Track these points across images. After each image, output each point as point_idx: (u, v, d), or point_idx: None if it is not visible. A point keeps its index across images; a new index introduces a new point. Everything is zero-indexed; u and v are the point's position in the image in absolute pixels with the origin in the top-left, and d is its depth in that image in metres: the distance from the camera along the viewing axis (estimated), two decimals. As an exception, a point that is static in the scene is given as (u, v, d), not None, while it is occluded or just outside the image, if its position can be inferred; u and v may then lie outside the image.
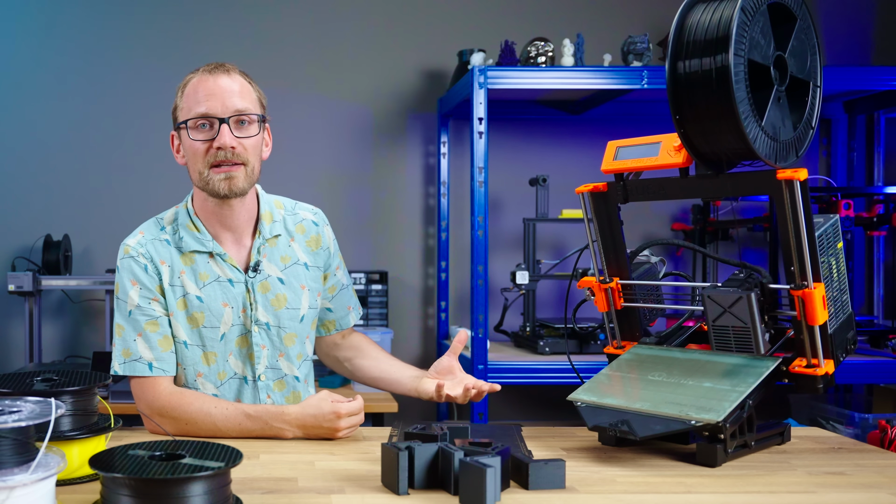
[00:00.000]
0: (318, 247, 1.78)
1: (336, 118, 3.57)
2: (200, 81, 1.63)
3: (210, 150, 1.62)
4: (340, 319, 1.86)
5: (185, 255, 1.69)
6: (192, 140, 1.63)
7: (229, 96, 1.62)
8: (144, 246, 1.69)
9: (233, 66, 1.67)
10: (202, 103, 1.61)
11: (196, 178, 1.66)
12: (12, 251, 3.45)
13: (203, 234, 1.69)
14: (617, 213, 1.65)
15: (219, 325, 1.67)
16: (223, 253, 1.69)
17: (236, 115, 1.62)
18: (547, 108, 3.53)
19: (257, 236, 1.71)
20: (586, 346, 2.98)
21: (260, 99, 1.69)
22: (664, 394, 1.42)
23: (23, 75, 3.49)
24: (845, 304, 1.51)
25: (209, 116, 1.61)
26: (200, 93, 1.62)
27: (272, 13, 3.55)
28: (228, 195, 1.64)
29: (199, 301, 1.67)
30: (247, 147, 1.63)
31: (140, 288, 1.66)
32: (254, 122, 1.65)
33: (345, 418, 1.53)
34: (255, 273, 1.70)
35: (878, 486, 1.26)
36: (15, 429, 1.01)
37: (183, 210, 1.73)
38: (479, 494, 1.12)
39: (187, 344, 1.67)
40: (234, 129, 1.62)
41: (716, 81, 1.37)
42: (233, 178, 1.63)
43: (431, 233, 3.61)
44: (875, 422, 2.60)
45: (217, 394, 1.68)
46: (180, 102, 1.67)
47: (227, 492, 1.06)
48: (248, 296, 1.69)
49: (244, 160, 1.63)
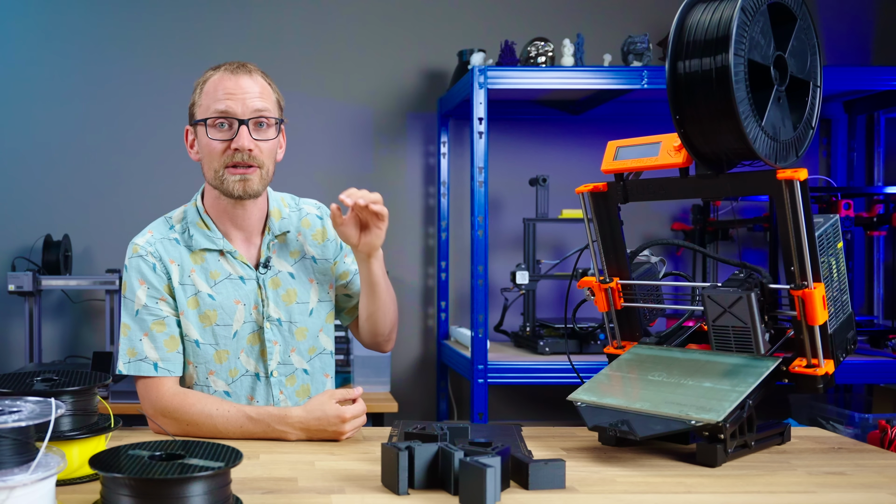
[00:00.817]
0: (325, 239, 1.77)
1: (336, 118, 3.57)
2: (222, 80, 1.63)
3: (227, 150, 1.62)
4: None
5: (196, 253, 1.69)
6: (209, 139, 1.63)
7: (250, 97, 1.62)
8: (153, 245, 1.68)
9: (255, 67, 1.67)
10: (222, 101, 1.61)
11: (211, 176, 1.65)
12: (12, 251, 3.45)
13: (213, 232, 1.69)
14: (617, 213, 1.65)
15: (231, 323, 1.67)
16: (234, 250, 1.69)
17: (256, 116, 1.62)
18: (547, 108, 3.53)
19: (267, 233, 1.71)
20: (586, 346, 2.98)
21: (279, 101, 1.69)
22: (664, 394, 1.42)
23: (23, 75, 3.49)
24: (845, 304, 1.51)
25: (229, 116, 1.61)
26: (221, 91, 1.62)
27: (272, 13, 3.55)
28: (243, 196, 1.64)
29: (212, 299, 1.67)
30: (263, 150, 1.64)
31: (148, 287, 1.66)
32: (272, 125, 1.65)
33: (349, 422, 1.53)
34: (266, 269, 1.70)
35: (878, 486, 1.26)
36: (15, 429, 1.01)
37: (192, 208, 1.73)
38: (479, 494, 1.12)
39: (199, 343, 1.67)
40: (252, 132, 1.62)
41: (716, 81, 1.37)
42: (248, 181, 1.63)
43: (431, 233, 3.61)
44: (875, 422, 2.60)
45: (228, 391, 1.68)
46: (199, 99, 1.66)
47: (227, 492, 1.06)
48: (259, 292, 1.69)
49: (260, 163, 1.63)
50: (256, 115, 1.62)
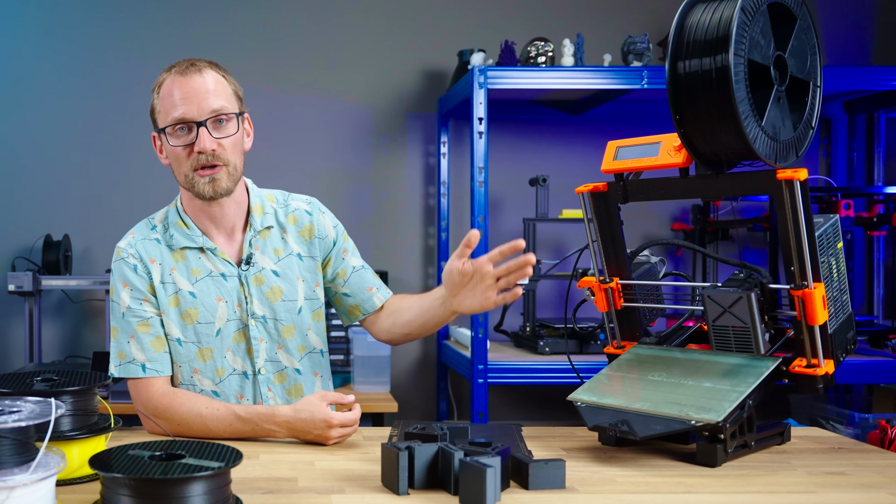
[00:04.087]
0: (312, 236, 1.76)
1: (336, 118, 3.56)
2: (174, 83, 1.64)
3: (191, 154, 1.62)
4: (364, 303, 1.79)
5: (177, 251, 1.69)
6: (172, 146, 1.64)
7: (204, 97, 1.61)
8: (134, 246, 1.70)
9: (204, 63, 1.66)
10: (178, 107, 1.62)
11: (181, 180, 1.66)
12: (12, 251, 3.45)
13: (192, 231, 1.70)
14: (617, 213, 1.65)
15: (213, 321, 1.67)
16: (214, 247, 1.69)
17: (213, 115, 1.62)
18: (547, 108, 3.53)
19: (248, 229, 1.71)
20: (586, 346, 2.97)
21: (236, 92, 1.68)
22: (664, 394, 1.42)
23: (23, 75, 3.49)
24: (845, 304, 1.51)
25: (186, 121, 1.61)
26: (175, 96, 1.62)
27: (272, 13, 3.54)
28: (214, 196, 1.64)
29: (193, 297, 1.67)
30: (226, 147, 1.63)
31: (131, 289, 1.67)
32: (231, 119, 1.64)
33: (336, 428, 1.50)
34: (248, 266, 1.70)
35: (878, 486, 1.26)
36: (15, 429, 1.01)
37: (173, 209, 1.74)
38: (479, 494, 1.12)
39: (181, 341, 1.67)
40: (212, 131, 1.61)
41: (716, 81, 1.37)
42: (216, 181, 1.63)
43: (431, 233, 3.60)
44: (875, 422, 2.59)
45: (216, 390, 1.68)
46: (157, 104, 1.67)
47: (227, 492, 1.06)
48: (242, 289, 1.69)
49: (225, 160, 1.63)
50: (213, 115, 1.62)
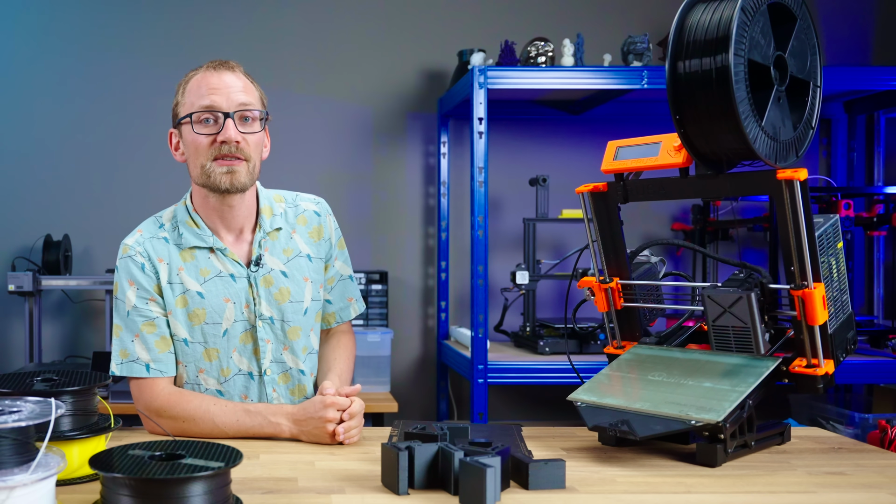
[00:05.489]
0: (321, 237, 1.77)
1: (336, 118, 3.57)
2: (204, 77, 1.64)
3: (214, 143, 1.62)
4: (341, 311, 1.82)
5: (185, 251, 1.68)
6: (195, 134, 1.63)
7: (234, 91, 1.62)
8: (142, 244, 1.68)
9: (236, 64, 1.68)
10: (206, 97, 1.61)
11: (197, 172, 1.65)
12: (12, 251, 3.45)
13: (203, 230, 1.69)
14: (617, 213, 1.65)
15: (221, 321, 1.67)
16: (224, 248, 1.68)
17: (241, 109, 1.62)
18: (547, 108, 3.53)
19: (258, 230, 1.71)
20: (586, 346, 2.98)
21: (262, 98, 1.69)
22: (664, 394, 1.42)
23: (23, 75, 3.49)
24: (845, 304, 1.51)
25: (214, 110, 1.61)
26: (204, 88, 1.62)
27: (272, 13, 3.55)
28: (230, 189, 1.63)
29: (201, 297, 1.66)
30: (250, 143, 1.64)
31: (137, 288, 1.66)
32: (257, 119, 1.65)
33: (331, 409, 1.51)
34: (258, 267, 1.69)
35: (878, 486, 1.26)
36: (15, 429, 1.01)
37: (182, 207, 1.72)
38: (479, 494, 1.12)
39: (187, 341, 1.67)
40: (238, 125, 1.62)
41: (716, 81, 1.37)
42: (235, 173, 1.62)
43: (431, 233, 3.60)
44: (875, 422, 2.60)
45: (221, 390, 1.68)
46: (182, 98, 1.66)
47: (227, 492, 1.06)
48: (250, 290, 1.68)
49: (247, 156, 1.63)
50: (241, 109, 1.62)
